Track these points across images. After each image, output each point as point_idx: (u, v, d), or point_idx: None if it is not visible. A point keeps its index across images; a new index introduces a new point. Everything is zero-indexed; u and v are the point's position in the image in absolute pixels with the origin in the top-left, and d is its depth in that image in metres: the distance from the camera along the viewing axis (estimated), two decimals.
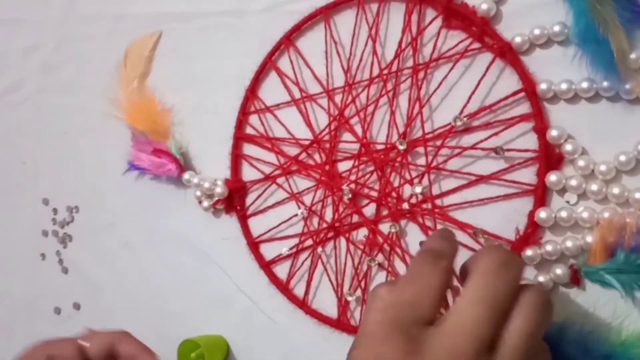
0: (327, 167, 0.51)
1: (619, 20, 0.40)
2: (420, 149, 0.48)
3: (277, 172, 0.53)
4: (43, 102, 0.64)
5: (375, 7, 0.49)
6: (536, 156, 0.44)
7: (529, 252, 0.44)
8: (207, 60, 0.56)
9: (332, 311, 0.51)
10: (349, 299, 0.50)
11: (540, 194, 0.44)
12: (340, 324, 0.50)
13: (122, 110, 0.59)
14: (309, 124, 0.52)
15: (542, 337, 0.34)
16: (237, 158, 0.55)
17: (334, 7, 0.50)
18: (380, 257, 0.49)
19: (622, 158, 0.42)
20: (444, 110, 0.47)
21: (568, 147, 0.43)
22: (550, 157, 0.44)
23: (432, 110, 0.48)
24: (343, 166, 0.51)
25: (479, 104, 0.46)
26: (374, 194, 0.49)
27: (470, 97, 0.46)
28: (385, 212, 0.49)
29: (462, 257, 0.46)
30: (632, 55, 0.40)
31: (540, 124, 0.44)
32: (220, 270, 0.55)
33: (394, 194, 0.48)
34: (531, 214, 0.44)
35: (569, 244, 0.43)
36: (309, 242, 0.52)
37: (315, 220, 0.51)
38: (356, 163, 0.50)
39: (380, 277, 0.49)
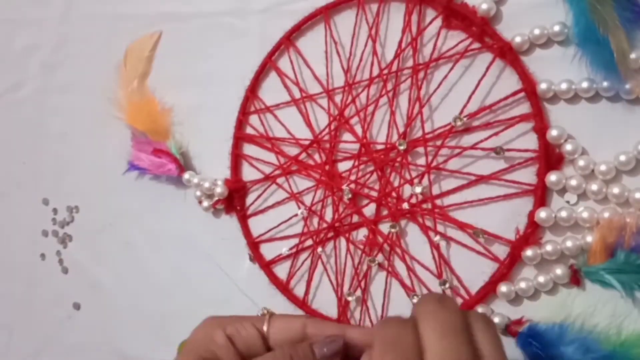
0: (327, 167, 0.51)
1: (619, 20, 0.40)
2: (420, 149, 0.48)
3: (277, 172, 0.53)
4: (43, 102, 0.64)
5: (375, 7, 0.49)
6: (536, 156, 0.44)
7: (529, 252, 0.44)
8: (207, 60, 0.56)
9: (332, 311, 0.51)
10: (349, 299, 0.50)
11: (540, 194, 0.44)
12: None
13: (122, 110, 0.59)
14: (309, 124, 0.52)
15: None
16: (237, 158, 0.55)
17: (334, 7, 0.50)
18: (380, 257, 0.49)
19: (622, 158, 0.42)
20: (444, 110, 0.47)
21: (568, 147, 0.43)
22: (550, 157, 0.44)
23: (432, 110, 0.48)
24: (343, 166, 0.51)
25: (479, 104, 0.46)
26: (374, 194, 0.49)
27: (470, 97, 0.46)
28: (385, 212, 0.49)
29: (462, 257, 0.47)
30: (632, 55, 0.40)
31: (540, 123, 0.44)
32: (220, 270, 0.55)
33: (394, 194, 0.48)
34: (531, 214, 0.44)
35: (569, 244, 0.43)
36: (309, 242, 0.52)
37: (315, 220, 0.51)
38: (356, 163, 0.50)
39: (380, 277, 0.49)
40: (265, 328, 0.38)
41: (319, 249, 0.51)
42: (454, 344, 0.32)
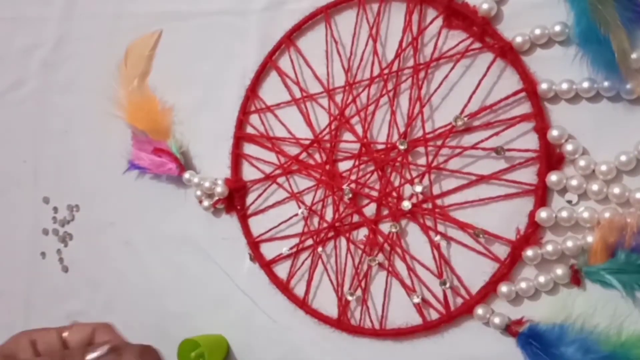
0: (327, 167, 0.51)
1: (620, 20, 0.40)
2: (421, 149, 0.48)
3: (278, 171, 0.53)
4: (43, 101, 0.64)
5: (376, 6, 0.49)
6: (537, 156, 0.44)
7: (529, 252, 0.44)
8: (208, 60, 0.56)
9: (332, 311, 0.51)
10: (349, 298, 0.50)
11: (541, 194, 0.44)
12: (341, 323, 0.50)
13: (123, 109, 0.59)
14: (309, 124, 0.52)
15: None
16: (237, 157, 0.55)
17: (335, 7, 0.50)
18: (380, 257, 0.49)
19: (623, 158, 0.42)
20: (444, 110, 0.47)
21: (569, 147, 0.43)
22: (551, 157, 0.44)
23: (432, 110, 0.48)
24: (343, 166, 0.50)
25: (479, 104, 0.46)
26: (375, 193, 0.49)
27: (470, 97, 0.46)
28: (385, 212, 0.49)
29: (463, 256, 0.47)
30: (633, 55, 0.40)
31: (541, 123, 0.44)
32: (220, 270, 0.55)
33: (394, 194, 0.48)
34: (532, 214, 0.44)
35: (569, 244, 0.43)
36: (310, 241, 0.52)
37: (316, 219, 0.51)
38: (357, 163, 0.50)
39: (380, 277, 0.49)
40: (65, 334, 0.42)
41: (320, 249, 0.51)
42: None
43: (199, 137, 0.56)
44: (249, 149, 0.54)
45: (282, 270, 0.53)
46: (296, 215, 0.52)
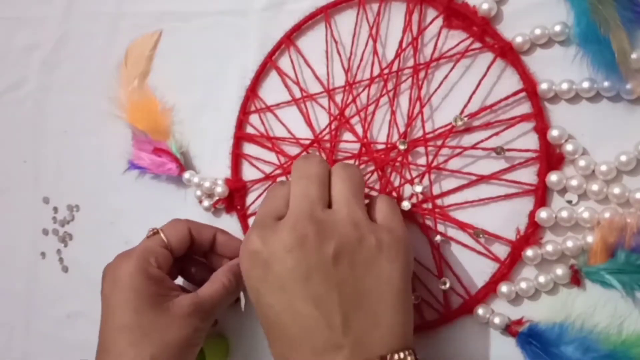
0: None
1: (620, 20, 0.40)
2: (421, 149, 0.48)
3: (278, 171, 0.53)
4: (43, 101, 0.64)
5: (376, 6, 0.49)
6: (537, 156, 0.44)
7: (529, 252, 0.44)
8: (208, 60, 0.56)
9: None
10: None
11: (541, 194, 0.44)
12: None
13: (123, 109, 0.59)
14: (309, 124, 0.52)
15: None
16: (237, 157, 0.55)
17: (335, 7, 0.50)
18: None
19: (623, 158, 0.42)
20: (444, 110, 0.47)
21: (569, 147, 0.43)
22: (551, 157, 0.44)
23: (432, 110, 0.48)
24: None
25: (479, 104, 0.46)
26: (375, 193, 0.49)
27: (471, 97, 0.46)
28: None
29: (462, 256, 0.46)
30: (633, 55, 0.40)
31: (541, 124, 0.44)
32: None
33: (394, 194, 0.48)
34: (532, 214, 0.44)
35: (569, 244, 0.43)
36: None
37: None
38: (357, 163, 0.50)
39: None
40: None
41: None
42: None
43: (199, 137, 0.56)
44: (249, 149, 0.54)
45: None
46: None
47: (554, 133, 0.43)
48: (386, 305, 0.37)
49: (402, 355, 0.36)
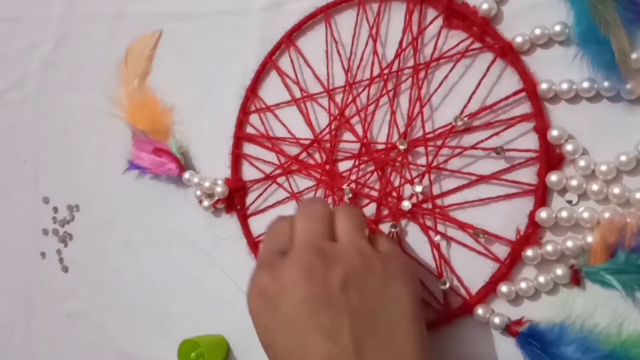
0: (327, 167, 0.51)
1: (620, 20, 0.40)
2: (421, 149, 0.48)
3: (278, 171, 0.53)
4: (43, 101, 0.64)
5: (376, 6, 0.49)
6: (537, 156, 0.44)
7: (529, 252, 0.44)
8: (208, 60, 0.56)
9: None
10: None
11: (541, 194, 0.44)
12: None
13: (123, 109, 0.59)
14: (309, 124, 0.52)
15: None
16: (237, 157, 0.55)
17: (335, 7, 0.50)
18: None
19: (623, 158, 0.42)
20: (444, 110, 0.47)
21: (569, 147, 0.43)
22: (550, 157, 0.44)
23: (432, 110, 0.48)
24: (343, 166, 0.50)
25: (479, 104, 0.46)
26: (375, 193, 0.49)
27: (470, 97, 0.46)
28: (385, 212, 0.49)
29: (462, 256, 0.47)
30: (633, 55, 0.40)
31: (541, 124, 0.44)
32: (220, 270, 0.55)
33: (394, 194, 0.48)
34: (532, 214, 0.44)
35: (569, 244, 0.43)
36: None
37: None
38: (357, 163, 0.50)
39: None
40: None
41: None
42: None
43: (199, 137, 0.56)
44: (249, 149, 0.54)
45: None
46: None
47: (554, 133, 0.43)
48: (400, 331, 0.36)
49: None
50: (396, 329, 0.36)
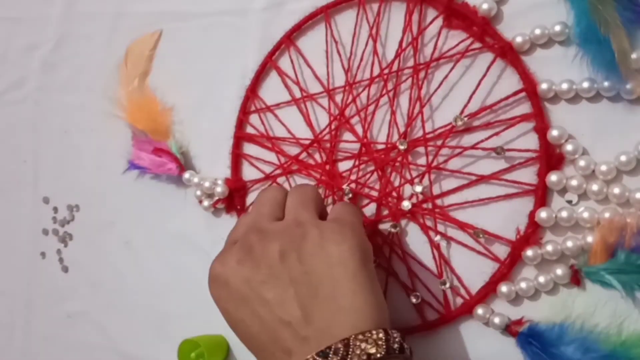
0: (327, 167, 0.51)
1: (620, 20, 0.40)
2: (421, 149, 0.48)
3: (278, 171, 0.53)
4: (43, 101, 0.64)
5: (376, 6, 0.49)
6: (537, 156, 0.44)
7: (529, 252, 0.44)
8: (208, 60, 0.56)
9: None
10: None
11: (541, 194, 0.44)
12: None
13: (123, 109, 0.59)
14: (309, 124, 0.52)
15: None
16: (237, 157, 0.55)
17: (335, 7, 0.50)
18: (380, 257, 0.49)
19: (623, 158, 0.42)
20: (444, 110, 0.47)
21: (569, 147, 0.43)
22: (550, 157, 0.44)
23: (432, 110, 0.48)
24: (343, 166, 0.51)
25: (479, 104, 0.46)
26: (375, 193, 0.49)
27: (470, 97, 0.46)
28: (385, 212, 0.49)
29: (462, 257, 0.47)
30: (633, 55, 0.40)
31: (541, 124, 0.44)
32: None
33: (394, 194, 0.48)
34: (532, 214, 0.44)
35: (569, 244, 0.43)
36: None
37: None
38: (357, 163, 0.50)
39: (380, 277, 0.49)
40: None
41: None
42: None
43: (199, 137, 0.56)
44: (249, 149, 0.54)
45: None
46: None
47: (554, 133, 0.43)
48: (343, 288, 0.37)
49: (368, 335, 0.36)
50: (340, 288, 0.37)
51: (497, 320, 0.44)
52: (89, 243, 0.62)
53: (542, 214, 0.43)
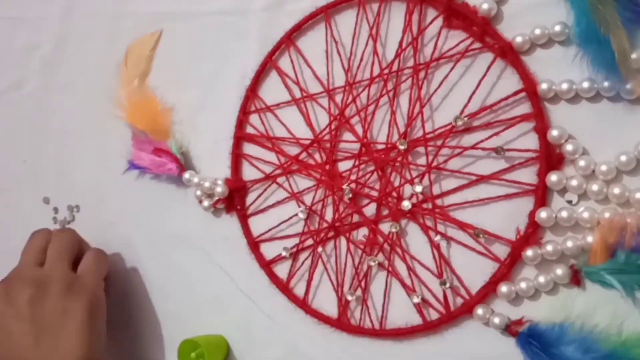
0: (327, 167, 0.51)
1: (620, 20, 0.40)
2: (421, 149, 0.48)
3: (278, 171, 0.53)
4: (44, 101, 0.64)
5: (376, 6, 0.49)
6: (537, 156, 0.44)
7: (529, 252, 0.44)
8: (208, 60, 0.56)
9: (332, 311, 0.51)
10: (349, 298, 0.50)
11: (541, 194, 0.44)
12: (341, 323, 0.50)
13: (123, 109, 0.59)
14: (309, 124, 0.52)
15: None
16: (237, 157, 0.55)
17: (335, 7, 0.50)
18: (380, 257, 0.49)
19: (623, 158, 0.42)
20: (444, 110, 0.47)
21: (569, 147, 0.43)
22: (550, 157, 0.44)
23: (432, 110, 0.48)
24: (343, 166, 0.51)
25: (479, 104, 0.46)
26: (375, 193, 0.49)
27: (471, 97, 0.46)
28: (385, 212, 0.49)
29: (462, 256, 0.47)
30: (633, 55, 0.40)
31: (541, 124, 0.44)
32: (220, 270, 0.55)
33: (394, 194, 0.48)
34: (532, 214, 0.44)
35: (569, 244, 0.43)
36: (310, 241, 0.52)
37: (316, 219, 0.51)
38: (357, 163, 0.50)
39: (380, 277, 0.49)
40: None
41: (320, 249, 0.51)
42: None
43: (199, 137, 0.56)
44: (249, 149, 0.54)
45: (282, 270, 0.53)
46: (296, 215, 0.52)
47: (554, 133, 0.43)
48: (69, 332, 0.50)
49: None
50: (66, 331, 0.51)
51: (497, 320, 0.44)
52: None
53: (542, 214, 0.43)
